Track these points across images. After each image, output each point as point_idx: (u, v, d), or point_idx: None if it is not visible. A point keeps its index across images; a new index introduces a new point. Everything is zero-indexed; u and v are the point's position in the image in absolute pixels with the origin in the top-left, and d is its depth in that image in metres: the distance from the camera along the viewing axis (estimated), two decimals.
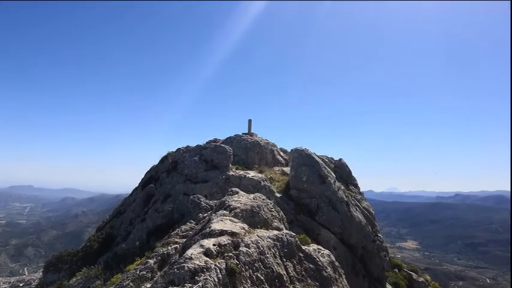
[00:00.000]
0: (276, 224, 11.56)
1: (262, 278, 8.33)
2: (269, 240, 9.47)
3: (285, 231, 10.65)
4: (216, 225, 9.64)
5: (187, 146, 24.24)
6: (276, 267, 8.88)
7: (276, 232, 10.20)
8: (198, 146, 23.18)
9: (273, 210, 12.22)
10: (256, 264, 8.42)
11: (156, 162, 25.42)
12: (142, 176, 25.91)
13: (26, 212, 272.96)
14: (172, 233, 12.87)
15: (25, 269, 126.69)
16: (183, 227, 12.96)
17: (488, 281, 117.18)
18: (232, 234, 9.15)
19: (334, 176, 20.96)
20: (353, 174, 25.21)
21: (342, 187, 20.82)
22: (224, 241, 8.69)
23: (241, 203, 11.41)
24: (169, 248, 11.20)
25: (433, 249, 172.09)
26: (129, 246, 17.08)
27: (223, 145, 22.13)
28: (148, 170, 25.84)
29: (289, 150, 26.52)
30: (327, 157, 25.15)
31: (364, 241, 19.19)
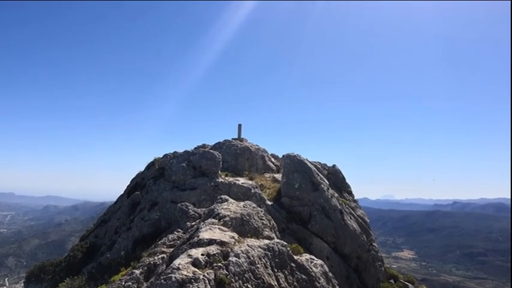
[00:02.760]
0: (267, 233, 11.46)
1: None
2: (260, 249, 9.35)
3: (276, 240, 10.56)
4: (205, 234, 9.52)
5: (175, 152, 23.88)
6: (267, 277, 8.73)
7: (267, 241, 10.11)
8: (186, 152, 22.80)
9: (263, 218, 12.15)
10: (246, 275, 8.29)
11: (142, 168, 25.03)
12: (128, 183, 25.48)
13: (7, 221, 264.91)
14: (159, 242, 12.69)
15: (6, 279, 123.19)
16: (170, 236, 12.79)
17: None
18: (222, 243, 9.04)
19: (328, 183, 20.80)
20: (347, 181, 25.12)
21: (336, 194, 20.67)
22: (213, 251, 8.61)
23: (230, 211, 11.33)
24: (156, 257, 11.04)
25: (430, 259, 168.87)
26: (114, 256, 16.75)
27: (212, 151, 21.80)
28: (134, 176, 25.42)
29: (280, 156, 26.28)
30: (320, 163, 25.01)
31: (358, 251, 18.94)
